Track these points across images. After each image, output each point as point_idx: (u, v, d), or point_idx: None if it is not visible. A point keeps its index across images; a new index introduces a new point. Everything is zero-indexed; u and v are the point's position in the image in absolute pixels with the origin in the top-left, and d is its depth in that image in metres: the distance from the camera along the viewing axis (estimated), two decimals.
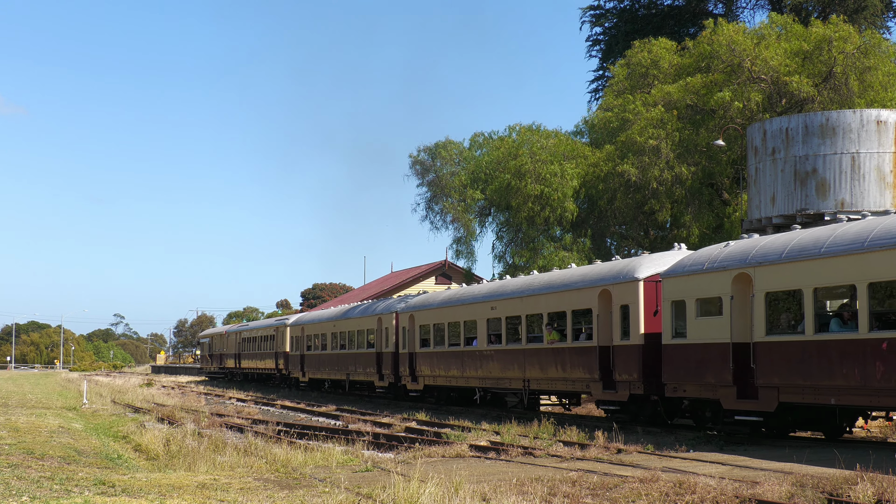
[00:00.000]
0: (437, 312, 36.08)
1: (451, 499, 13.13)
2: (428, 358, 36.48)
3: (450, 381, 34.92)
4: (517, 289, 30.46)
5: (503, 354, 30.62)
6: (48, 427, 28.71)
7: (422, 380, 37.14)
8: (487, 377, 31.76)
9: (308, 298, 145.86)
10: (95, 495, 14.02)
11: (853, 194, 29.54)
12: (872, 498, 12.73)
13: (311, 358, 52.70)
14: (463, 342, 33.56)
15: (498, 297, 31.26)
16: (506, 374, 30.49)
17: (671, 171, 39.04)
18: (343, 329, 47.10)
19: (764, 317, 20.12)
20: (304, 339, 54.21)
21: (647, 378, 24.06)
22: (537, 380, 28.90)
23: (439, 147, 46.49)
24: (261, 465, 19.11)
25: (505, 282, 32.49)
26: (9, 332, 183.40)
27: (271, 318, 73.68)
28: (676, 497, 13.39)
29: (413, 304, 38.73)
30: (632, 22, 57.30)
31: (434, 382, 36.32)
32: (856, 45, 37.12)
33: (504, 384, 30.87)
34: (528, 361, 29.19)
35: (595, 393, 26.25)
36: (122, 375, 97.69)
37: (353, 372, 45.11)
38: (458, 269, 64.54)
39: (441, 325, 35.66)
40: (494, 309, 31.33)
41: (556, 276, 29.24)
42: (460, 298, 34.62)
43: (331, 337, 49.06)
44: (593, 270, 27.13)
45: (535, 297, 29.00)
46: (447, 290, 38.71)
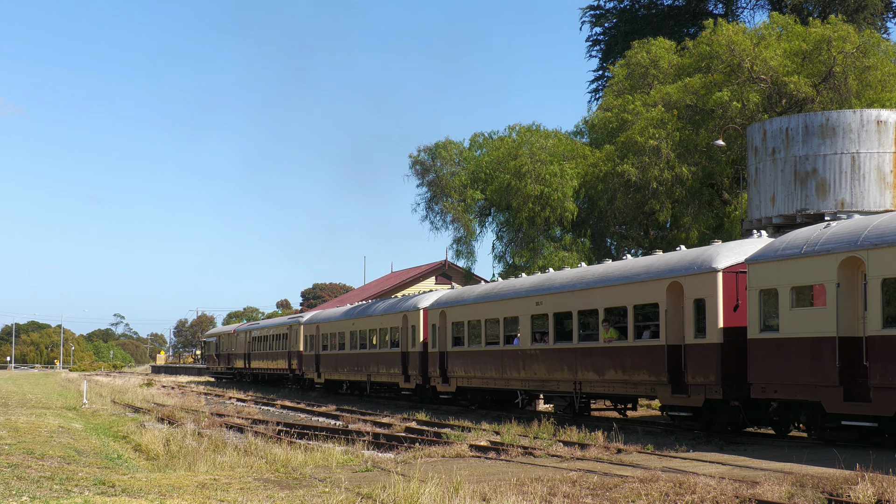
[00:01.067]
0: (472, 308, 33.66)
1: (451, 499, 13.13)
2: (462, 358, 34.23)
3: (486, 383, 32.70)
4: (567, 282, 28.09)
5: (550, 354, 28.39)
6: (48, 427, 28.71)
7: (454, 381, 34.89)
8: (531, 379, 29.56)
9: (308, 298, 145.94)
10: (95, 495, 14.02)
11: (853, 194, 29.54)
12: (872, 498, 12.73)
13: (328, 358, 50.09)
14: (503, 340, 31.28)
15: (544, 292, 28.88)
16: (553, 375, 28.32)
17: (671, 171, 39.06)
18: (363, 327, 44.59)
19: (880, 307, 17.80)
20: (319, 338, 51.63)
21: (727, 380, 21.63)
22: (591, 382, 26.59)
23: (439, 147, 46.49)
24: (261, 465, 19.10)
25: (551, 275, 29.99)
26: (9, 332, 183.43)
27: (283, 317, 70.10)
28: (676, 497, 13.39)
29: (444, 299, 36.42)
30: (632, 22, 57.34)
31: (468, 384, 34.04)
32: (855, 44, 37.14)
33: (550, 386, 28.78)
34: (580, 362, 26.95)
35: (662, 397, 23.79)
36: (122, 375, 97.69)
37: (375, 373, 42.72)
38: (458, 269, 64.53)
39: (477, 322, 33.24)
40: (540, 304, 28.97)
41: (614, 267, 26.64)
42: (499, 293, 32.01)
43: (349, 335, 46.52)
44: (659, 261, 24.70)
45: (589, 292, 26.63)
46: (483, 285, 36.11)
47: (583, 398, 28.05)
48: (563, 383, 27.94)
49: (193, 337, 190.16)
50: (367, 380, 43.96)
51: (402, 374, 39.32)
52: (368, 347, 43.68)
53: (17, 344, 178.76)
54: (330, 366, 49.46)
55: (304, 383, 55.77)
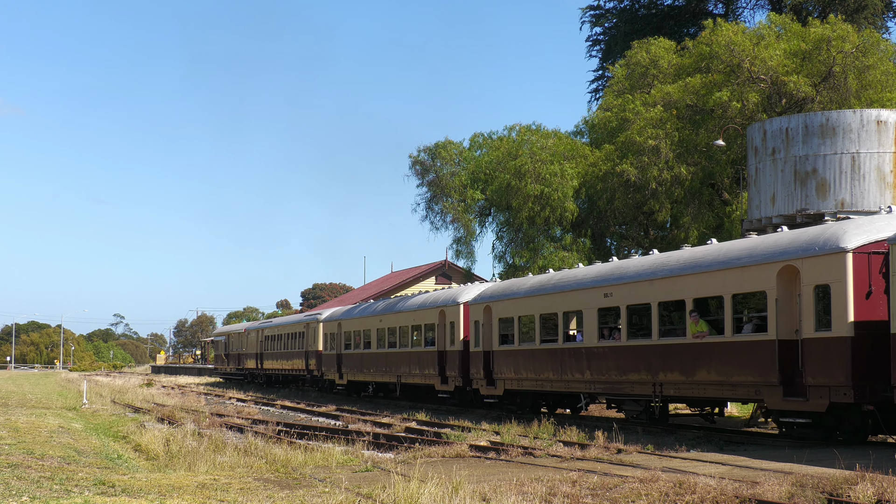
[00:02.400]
0: (523, 302, 30.40)
1: (451, 499, 13.13)
2: (511, 357, 30.96)
3: (541, 386, 29.58)
4: (644, 270, 24.99)
5: (623, 352, 25.31)
6: (48, 427, 28.70)
7: (501, 383, 31.66)
8: (598, 380, 26.50)
9: (308, 298, 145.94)
10: (95, 495, 14.02)
11: (853, 194, 29.55)
12: (872, 498, 12.73)
13: (351, 358, 46.71)
14: (562, 338, 28.22)
15: (615, 282, 25.87)
16: (626, 376, 25.26)
17: (671, 171, 39.06)
18: (393, 324, 41.27)
19: None
20: (340, 337, 48.36)
21: (859, 381, 18.73)
22: (675, 384, 23.47)
23: (439, 147, 46.49)
24: (261, 465, 19.11)
25: (622, 263, 26.91)
26: (9, 332, 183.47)
27: (299, 314, 66.18)
28: (676, 497, 13.39)
29: (489, 293, 33.15)
30: (632, 22, 57.36)
31: (519, 387, 30.84)
32: (855, 44, 37.15)
33: (622, 389, 25.64)
34: (661, 360, 23.84)
35: (771, 401, 20.71)
36: (122, 375, 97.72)
37: (407, 374, 39.51)
38: (458, 269, 64.58)
39: (529, 318, 30.03)
40: (609, 296, 25.95)
41: (705, 252, 23.46)
42: (558, 285, 28.89)
43: (376, 333, 43.16)
44: (765, 243, 21.60)
45: (673, 280, 23.55)
46: (535, 276, 32.47)
47: (664, 401, 24.94)
48: (638, 385, 24.89)
49: (193, 337, 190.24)
50: (397, 381, 40.81)
51: (439, 375, 36.39)
52: (399, 346, 40.55)
53: (17, 344, 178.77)
54: (354, 366, 46.41)
55: (323, 385, 52.76)
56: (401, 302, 41.74)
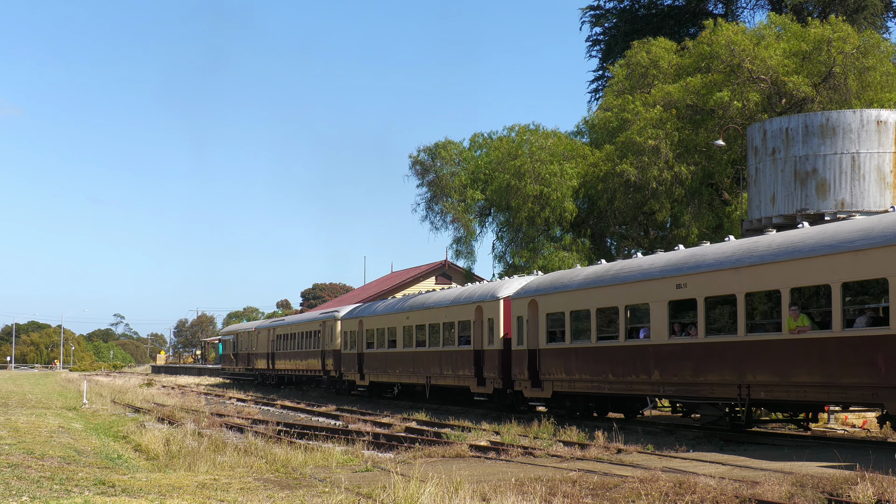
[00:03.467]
0: (577, 296, 27.89)
1: (451, 499, 13.13)
2: (561, 356, 28.42)
3: (598, 387, 26.90)
4: (727, 257, 22.33)
5: (700, 350, 22.72)
6: (48, 427, 28.70)
7: (549, 385, 29.05)
8: (668, 381, 23.90)
9: (308, 298, 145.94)
10: (95, 495, 14.02)
11: (853, 194, 29.54)
12: (872, 498, 12.73)
13: (374, 357, 43.96)
14: (624, 334, 25.58)
15: (690, 271, 23.29)
16: (704, 377, 22.64)
17: (671, 170, 39.06)
18: (421, 321, 38.63)
19: None
20: (362, 335, 45.62)
21: None
22: (766, 385, 20.73)
23: (439, 147, 46.50)
24: (261, 465, 19.11)
25: (698, 250, 24.10)
26: (9, 332, 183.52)
27: (314, 311, 62.82)
28: (676, 497, 13.39)
29: (535, 286, 30.54)
30: (632, 22, 57.38)
31: (570, 388, 28.23)
32: (854, 45, 37.15)
33: (698, 391, 22.94)
34: (749, 359, 21.25)
35: (893, 406, 18.21)
36: (122, 375, 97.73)
37: (438, 375, 36.93)
38: (458, 269, 64.58)
39: (584, 313, 27.52)
40: (683, 287, 23.36)
41: (804, 235, 20.73)
42: (618, 275, 26.35)
43: (402, 331, 40.44)
44: (884, 221, 18.90)
45: (765, 269, 20.94)
46: (589, 267, 29.74)
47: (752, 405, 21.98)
48: (719, 387, 22.19)
49: (193, 337, 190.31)
50: (427, 383, 38.17)
51: (475, 376, 33.72)
52: (429, 345, 37.83)
53: (17, 344, 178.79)
54: (376, 366, 43.63)
55: (341, 386, 49.80)
56: (432, 297, 39.05)
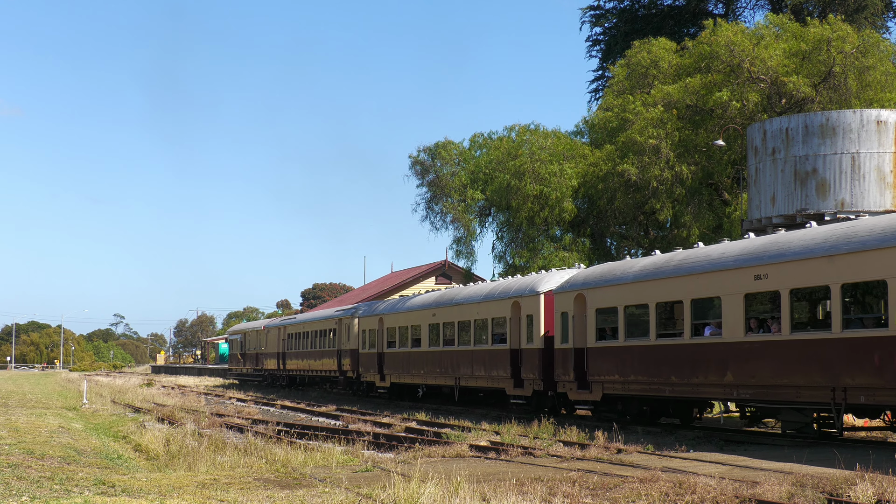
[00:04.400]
0: (632, 289, 25.53)
1: (451, 499, 13.13)
2: (615, 356, 26.13)
3: (657, 390, 24.53)
4: (817, 244, 20.01)
5: (784, 349, 20.44)
6: (48, 427, 28.70)
7: (598, 387, 26.85)
8: (743, 384, 21.51)
9: (308, 298, 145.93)
10: (95, 495, 14.02)
11: (853, 194, 29.54)
12: (872, 498, 12.73)
13: (395, 357, 41.71)
14: (689, 331, 23.20)
15: (771, 260, 20.87)
16: (788, 378, 20.35)
17: (671, 170, 39.06)
18: (449, 318, 36.42)
19: None
20: (382, 333, 43.33)
21: None
22: (869, 389, 18.62)
23: (439, 147, 46.50)
24: (261, 465, 19.11)
25: (778, 237, 21.77)
26: (9, 332, 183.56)
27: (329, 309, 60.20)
28: (676, 497, 13.38)
29: (582, 279, 28.28)
30: (632, 22, 57.37)
31: (624, 391, 26.00)
32: (854, 44, 37.14)
33: (781, 394, 20.63)
34: (846, 359, 19.10)
35: None
36: (122, 375, 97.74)
37: (468, 376, 34.70)
38: (458, 269, 64.57)
39: (640, 308, 25.20)
40: (763, 278, 21.05)
41: None
42: (682, 266, 23.84)
43: (428, 330, 38.12)
44: None
45: (865, 257, 18.68)
46: (648, 258, 26.74)
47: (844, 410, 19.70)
48: (806, 390, 20.05)
49: (193, 337, 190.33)
50: (456, 384, 35.94)
51: (511, 377, 31.57)
52: (458, 344, 35.52)
53: (17, 344, 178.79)
54: (398, 366, 41.36)
55: (359, 387, 47.36)
56: (461, 293, 36.94)
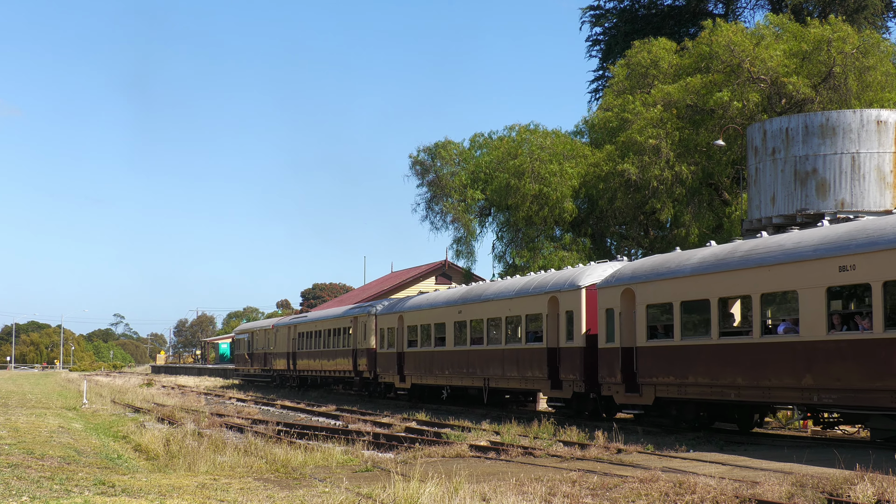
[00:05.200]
0: (690, 283, 23.19)
1: (451, 499, 13.13)
2: (670, 356, 23.84)
3: (722, 393, 22.10)
4: None
5: (880, 348, 18.39)
6: (48, 427, 28.70)
7: (649, 390, 24.60)
8: (825, 387, 19.47)
9: (308, 298, 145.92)
10: (95, 495, 14.02)
11: (853, 194, 29.54)
12: (872, 498, 12.73)
13: (417, 357, 39.51)
14: (759, 329, 21.13)
15: (860, 250, 18.84)
16: (883, 381, 18.29)
17: (671, 170, 39.05)
18: (477, 315, 34.38)
19: None
20: (402, 332, 41.12)
21: None
22: None
23: (439, 147, 46.50)
24: (261, 465, 19.11)
25: (866, 223, 19.73)
26: (9, 332, 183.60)
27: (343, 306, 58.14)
28: (676, 497, 13.38)
29: (631, 272, 26.03)
30: (632, 22, 57.37)
31: (679, 394, 23.57)
32: (854, 45, 37.14)
33: (874, 399, 18.60)
34: None
35: None
36: (121, 375, 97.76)
37: (498, 376, 32.68)
38: (458, 269, 64.56)
39: (701, 304, 22.92)
40: (850, 270, 18.96)
41: None
42: (749, 257, 21.61)
43: (454, 328, 36.02)
44: None
45: None
46: (707, 248, 24.05)
47: None
48: None
49: (193, 337, 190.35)
50: (484, 385, 33.82)
51: (548, 378, 29.45)
52: (487, 343, 33.42)
53: (17, 344, 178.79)
54: (420, 367, 39.19)
55: (376, 389, 45.28)
56: (491, 288, 34.54)
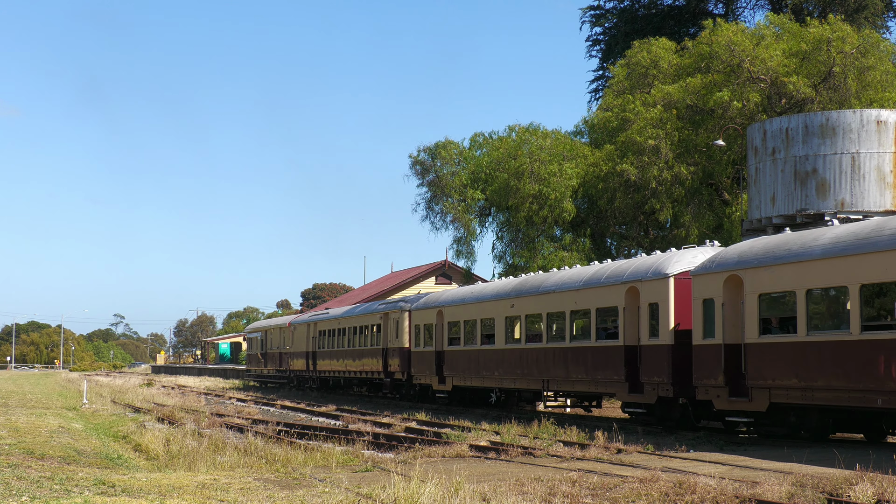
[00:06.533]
0: (820, 268, 19.72)
1: (451, 499, 13.12)
2: (791, 355, 20.41)
3: (864, 400, 18.78)
4: None
5: None
6: (48, 427, 28.70)
7: (762, 394, 21.03)
8: None
9: (308, 298, 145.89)
10: (95, 495, 14.01)
11: (853, 194, 29.53)
12: (872, 498, 12.72)
13: (459, 356, 35.94)
14: None
15: None
16: None
17: (671, 170, 39.06)
18: (535, 309, 30.68)
19: None
20: (441, 329, 37.76)
21: None
22: None
23: (439, 147, 46.52)
24: (261, 465, 19.11)
25: None
26: (9, 332, 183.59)
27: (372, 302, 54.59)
28: (676, 497, 13.38)
29: (737, 256, 22.20)
30: (632, 22, 57.35)
31: (805, 399, 20.08)
32: (854, 45, 37.16)
33: None
34: None
35: None
36: (121, 375, 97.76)
37: (562, 379, 29.11)
38: (458, 269, 64.57)
39: (835, 292, 19.72)
40: None
41: None
42: None
43: (505, 323, 32.63)
44: None
45: None
46: (839, 227, 20.62)
47: None
48: None
49: (193, 337, 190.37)
50: (543, 388, 30.35)
51: (625, 379, 25.81)
52: (547, 340, 29.89)
53: (17, 344, 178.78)
54: (463, 367, 35.63)
55: (411, 391, 41.83)
56: (550, 278, 30.87)
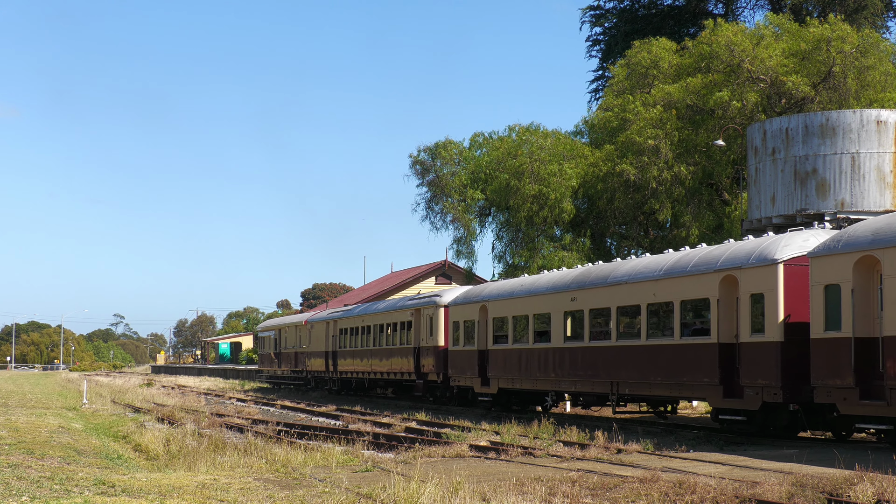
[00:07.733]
0: None
1: (451, 499, 13.13)
2: None
3: None
4: None
5: None
6: (48, 427, 28.69)
7: None
8: None
9: (308, 298, 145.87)
10: (95, 495, 14.01)
11: (853, 194, 29.53)
12: (872, 498, 12.73)
13: (507, 356, 32.21)
14: None
15: None
16: None
17: (670, 170, 39.06)
18: (602, 303, 27.16)
19: None
20: (485, 325, 33.91)
21: None
22: None
23: (439, 147, 46.52)
24: (261, 465, 19.10)
25: None
26: (9, 332, 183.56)
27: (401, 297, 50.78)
28: (676, 497, 13.38)
29: (872, 234, 18.94)
30: (632, 22, 57.34)
31: None
32: (854, 44, 37.16)
33: None
34: None
35: None
36: (121, 375, 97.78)
37: (635, 382, 25.78)
38: (458, 269, 64.57)
39: None
40: None
41: None
42: None
43: (563, 318, 29.02)
44: None
45: None
46: None
47: None
48: None
49: (193, 337, 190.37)
50: (612, 392, 26.80)
51: (720, 383, 22.31)
52: (616, 338, 26.39)
53: (17, 344, 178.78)
54: (511, 368, 31.93)
55: (448, 394, 37.94)
56: (621, 267, 27.28)
